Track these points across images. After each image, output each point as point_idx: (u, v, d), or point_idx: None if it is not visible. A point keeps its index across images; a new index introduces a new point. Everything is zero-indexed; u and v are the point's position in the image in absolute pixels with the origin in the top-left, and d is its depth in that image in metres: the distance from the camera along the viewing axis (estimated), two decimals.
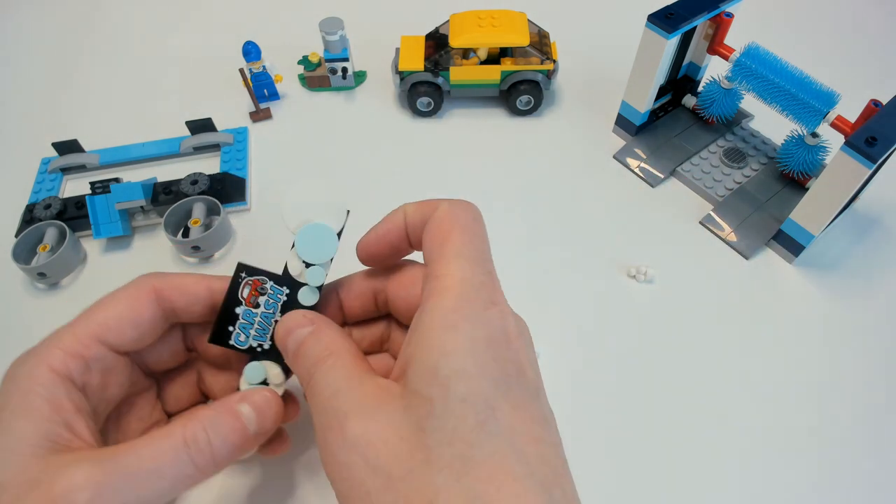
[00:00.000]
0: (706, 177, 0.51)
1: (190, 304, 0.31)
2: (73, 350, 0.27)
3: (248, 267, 0.31)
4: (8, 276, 0.47)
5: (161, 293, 0.30)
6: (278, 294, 0.31)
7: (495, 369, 0.23)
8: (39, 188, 0.52)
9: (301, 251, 0.31)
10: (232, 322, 0.31)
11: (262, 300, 0.31)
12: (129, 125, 0.58)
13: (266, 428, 0.29)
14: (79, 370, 0.27)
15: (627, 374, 0.41)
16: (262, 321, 0.31)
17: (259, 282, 0.31)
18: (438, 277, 0.26)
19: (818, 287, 0.45)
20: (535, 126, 0.57)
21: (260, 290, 0.31)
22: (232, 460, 0.28)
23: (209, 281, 0.31)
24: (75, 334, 0.28)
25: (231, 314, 0.31)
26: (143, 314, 0.29)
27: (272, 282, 0.31)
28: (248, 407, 0.28)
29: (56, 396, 0.26)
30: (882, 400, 0.40)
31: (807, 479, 0.37)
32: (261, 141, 0.56)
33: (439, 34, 0.57)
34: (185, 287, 0.30)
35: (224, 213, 0.48)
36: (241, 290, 0.31)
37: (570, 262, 0.47)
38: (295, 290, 0.31)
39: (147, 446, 0.25)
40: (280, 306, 0.31)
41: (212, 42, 0.66)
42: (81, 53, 0.66)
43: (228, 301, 0.31)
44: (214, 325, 0.31)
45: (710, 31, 0.50)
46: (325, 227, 0.31)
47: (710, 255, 0.47)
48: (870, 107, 0.42)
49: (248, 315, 0.31)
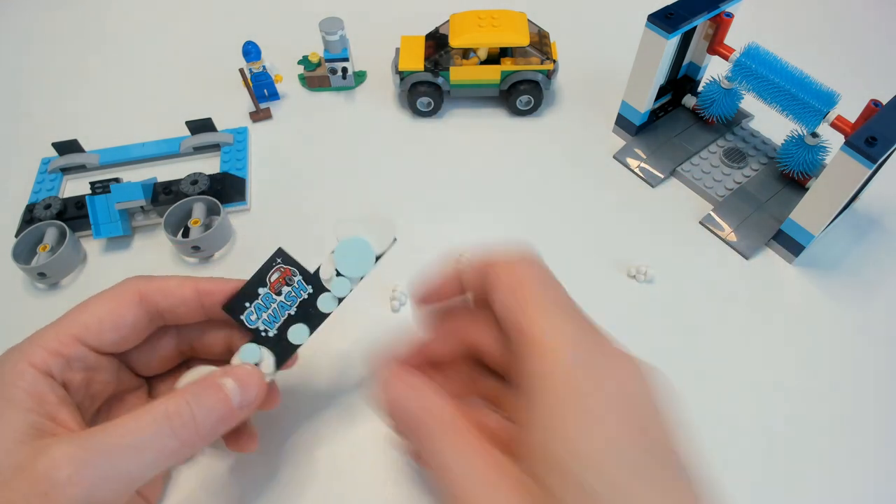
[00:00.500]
0: (706, 177, 0.51)
1: (174, 305, 0.31)
2: (54, 348, 0.28)
3: (286, 255, 0.32)
4: (8, 276, 0.47)
5: (146, 296, 0.30)
6: (301, 290, 0.32)
7: (637, 455, 0.21)
8: (39, 188, 0.52)
9: (338, 259, 0.32)
10: (251, 299, 0.32)
11: (284, 290, 0.32)
12: (129, 125, 0.58)
13: (250, 400, 0.29)
14: (59, 367, 0.28)
15: None
16: (277, 309, 0.32)
17: (290, 271, 0.32)
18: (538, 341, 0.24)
19: (818, 287, 0.45)
20: (535, 126, 0.57)
21: (287, 280, 0.32)
22: (216, 434, 0.28)
23: (197, 283, 0.31)
24: (57, 333, 0.28)
25: (253, 292, 0.32)
26: (124, 317, 0.30)
27: (301, 277, 0.32)
28: (230, 380, 0.29)
29: (39, 390, 0.27)
30: (882, 400, 0.40)
31: (806, 479, 0.37)
32: (261, 141, 0.56)
33: (439, 34, 0.57)
34: (170, 290, 0.31)
35: (224, 213, 0.48)
36: (270, 274, 0.32)
37: (569, 262, 0.47)
38: (318, 293, 0.32)
39: (128, 421, 0.26)
40: (299, 302, 0.32)
41: (212, 42, 0.66)
42: (81, 53, 0.66)
43: (255, 279, 0.32)
44: (234, 295, 0.31)
45: (710, 31, 0.50)
46: (368, 246, 0.32)
47: (710, 255, 0.47)
48: (870, 107, 0.42)
49: (268, 299, 0.32)
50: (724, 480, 0.37)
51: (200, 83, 0.62)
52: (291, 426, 0.38)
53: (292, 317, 0.32)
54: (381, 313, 0.44)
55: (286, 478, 0.36)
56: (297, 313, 0.32)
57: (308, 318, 0.32)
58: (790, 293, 0.45)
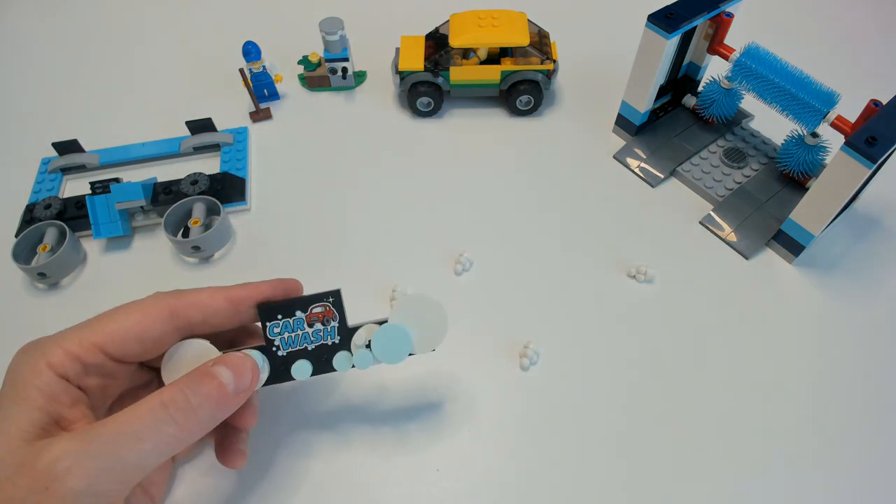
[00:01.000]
0: (706, 177, 0.51)
1: (209, 317, 0.31)
2: (74, 353, 0.28)
3: (339, 298, 0.32)
4: (8, 276, 0.47)
5: (178, 311, 0.31)
6: (329, 336, 0.32)
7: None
8: (39, 188, 0.52)
9: (378, 335, 0.32)
10: (284, 315, 0.32)
11: (317, 326, 0.32)
12: (129, 125, 0.58)
13: (244, 386, 0.29)
14: (76, 372, 0.28)
15: (627, 374, 0.41)
16: (299, 337, 0.32)
17: (332, 313, 0.32)
18: None
19: (818, 287, 0.45)
20: (535, 126, 0.57)
21: (325, 319, 0.32)
22: (215, 420, 0.28)
23: (227, 292, 0.32)
24: (80, 338, 0.28)
25: (290, 310, 0.32)
26: (151, 331, 0.30)
27: (337, 325, 0.32)
28: (224, 368, 0.29)
29: (53, 390, 0.27)
30: (882, 399, 0.40)
31: (806, 478, 0.37)
32: (261, 141, 0.56)
33: (439, 34, 0.57)
34: (203, 302, 0.31)
35: (224, 213, 0.48)
36: (315, 305, 0.32)
37: (569, 262, 0.47)
38: (340, 348, 0.32)
39: (125, 413, 0.26)
40: (320, 344, 0.32)
41: (212, 42, 0.66)
42: (81, 53, 0.66)
43: (299, 300, 0.32)
44: (275, 301, 0.32)
45: (710, 31, 0.50)
46: (409, 342, 0.32)
47: (710, 255, 0.47)
48: (870, 107, 0.42)
49: (298, 324, 0.32)
50: (725, 480, 0.37)
51: (200, 83, 0.62)
52: (285, 437, 0.38)
53: (307, 352, 0.32)
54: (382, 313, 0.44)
55: (280, 491, 0.36)
56: (312, 352, 0.32)
57: (318, 362, 0.32)
58: (790, 293, 0.45)
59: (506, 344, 0.42)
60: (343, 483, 0.36)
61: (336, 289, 0.32)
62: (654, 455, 0.37)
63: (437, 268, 0.47)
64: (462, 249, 0.47)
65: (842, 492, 0.36)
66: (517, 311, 0.44)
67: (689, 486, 0.36)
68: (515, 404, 0.40)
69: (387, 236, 0.49)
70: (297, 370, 0.32)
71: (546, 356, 0.42)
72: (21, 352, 0.28)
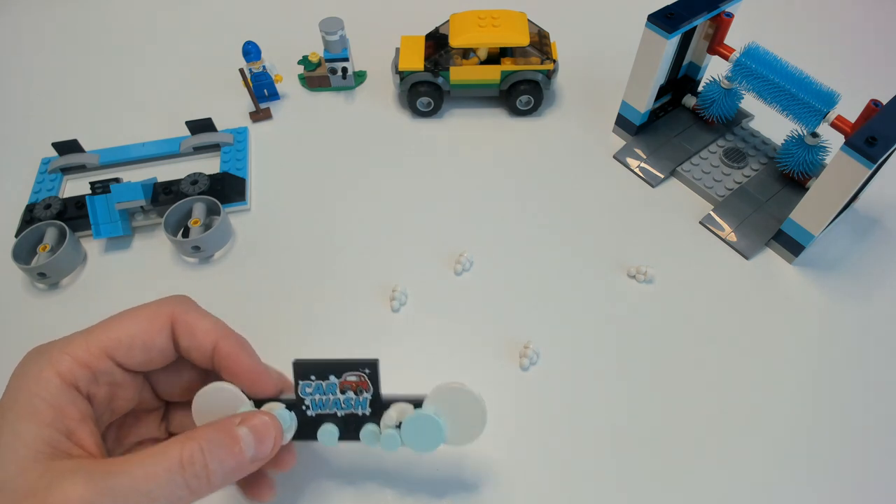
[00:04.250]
0: (706, 177, 0.51)
1: (192, 348, 0.30)
2: (83, 360, 0.27)
3: (376, 371, 0.30)
4: (8, 276, 0.47)
5: (175, 325, 0.30)
6: (360, 407, 0.31)
7: None
8: (39, 188, 0.52)
9: (409, 423, 0.30)
10: (318, 376, 0.31)
11: (349, 395, 0.31)
12: (129, 125, 0.58)
13: (263, 454, 0.28)
14: (85, 380, 0.27)
15: (627, 374, 0.41)
16: (330, 401, 0.31)
17: (366, 385, 0.31)
18: None
19: (818, 287, 0.45)
20: (535, 126, 0.57)
21: (358, 389, 0.31)
22: (226, 484, 0.28)
23: (224, 337, 0.30)
24: (87, 344, 0.27)
25: (325, 373, 0.31)
26: (154, 340, 0.29)
27: (370, 397, 0.31)
28: (247, 430, 0.28)
29: (61, 403, 0.26)
30: (882, 399, 0.40)
31: (805, 478, 0.37)
32: (261, 141, 0.56)
33: (439, 34, 0.57)
34: (195, 331, 0.30)
35: (224, 213, 0.48)
36: (350, 372, 0.31)
37: (569, 262, 0.47)
38: (369, 421, 0.31)
39: (143, 465, 0.25)
40: (349, 413, 0.31)
41: (212, 42, 0.66)
42: (81, 54, 0.66)
43: (336, 363, 0.30)
44: (314, 361, 0.30)
45: (710, 31, 0.50)
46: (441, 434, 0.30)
47: (710, 255, 0.47)
48: (870, 107, 0.42)
49: (331, 388, 0.31)
50: (724, 479, 0.37)
51: (200, 83, 0.61)
52: (310, 469, 0.37)
53: (335, 417, 0.31)
54: (382, 313, 0.44)
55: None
56: (340, 419, 0.31)
57: (346, 429, 0.31)
58: (790, 293, 0.45)
59: (506, 344, 0.42)
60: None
61: (374, 360, 0.30)
62: (654, 455, 0.37)
63: (437, 268, 0.47)
64: (462, 249, 0.47)
65: (842, 492, 0.36)
66: (517, 311, 0.44)
67: (689, 485, 0.36)
68: (515, 404, 0.40)
69: (387, 236, 0.49)
70: (324, 434, 0.31)
71: (546, 356, 0.42)
72: (26, 359, 0.27)
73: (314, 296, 0.45)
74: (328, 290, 0.46)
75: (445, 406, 0.30)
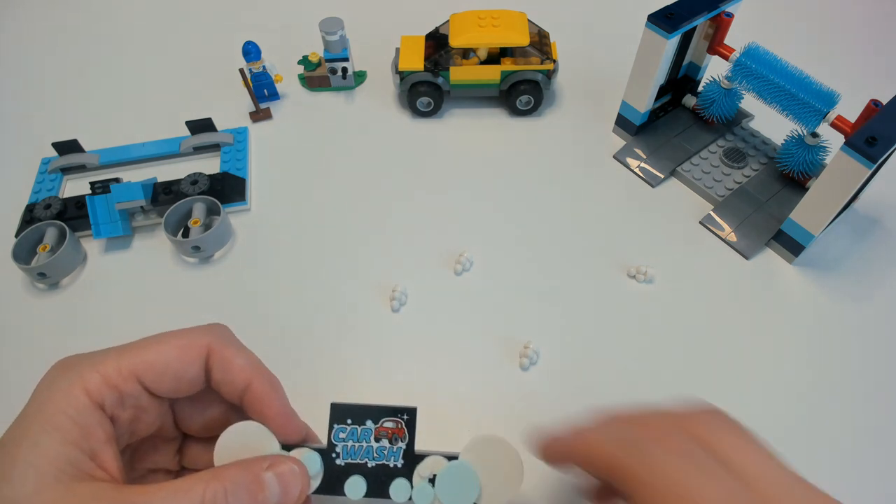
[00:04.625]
0: (706, 177, 0.51)
1: (224, 382, 0.30)
2: (112, 381, 0.27)
3: (413, 419, 0.30)
4: (8, 276, 0.47)
5: (210, 356, 0.29)
6: (393, 458, 0.30)
7: None
8: (39, 188, 0.52)
9: (444, 473, 0.29)
10: (355, 421, 0.30)
11: (382, 443, 0.30)
12: (129, 125, 0.58)
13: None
14: (112, 402, 0.27)
15: (627, 374, 0.41)
16: (363, 449, 0.30)
17: (402, 433, 0.30)
18: None
19: (818, 287, 0.45)
20: (535, 126, 0.57)
21: (393, 438, 0.30)
22: None
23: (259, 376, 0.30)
24: (119, 365, 0.27)
25: (362, 418, 0.30)
26: (187, 369, 0.29)
27: (405, 447, 0.30)
28: (273, 477, 0.27)
29: (88, 422, 0.26)
30: (882, 399, 0.40)
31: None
32: (261, 141, 0.56)
33: (439, 34, 0.57)
34: (231, 366, 0.29)
35: (224, 213, 0.48)
36: (387, 420, 0.30)
37: (569, 262, 0.47)
38: (401, 474, 0.30)
39: (165, 500, 0.24)
40: (381, 464, 0.30)
41: (212, 42, 0.66)
42: (82, 53, 0.66)
43: (374, 410, 0.30)
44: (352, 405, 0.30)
45: (710, 31, 0.50)
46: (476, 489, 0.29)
47: (710, 255, 0.47)
48: (870, 107, 0.42)
49: (365, 435, 0.30)
50: None
51: (200, 83, 0.62)
52: None
53: (365, 468, 0.30)
54: (382, 313, 0.44)
55: None
56: (370, 471, 0.30)
57: (375, 482, 0.30)
58: (790, 293, 0.45)
59: (506, 344, 0.42)
60: None
61: (413, 407, 0.30)
62: None
63: (437, 268, 0.47)
64: (462, 249, 0.47)
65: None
66: (517, 311, 0.44)
67: None
68: (515, 404, 0.40)
69: (387, 236, 0.49)
70: (351, 487, 0.29)
71: (546, 356, 0.42)
72: (55, 371, 0.26)
73: (314, 295, 0.45)
74: (328, 290, 0.46)
75: (481, 459, 0.30)
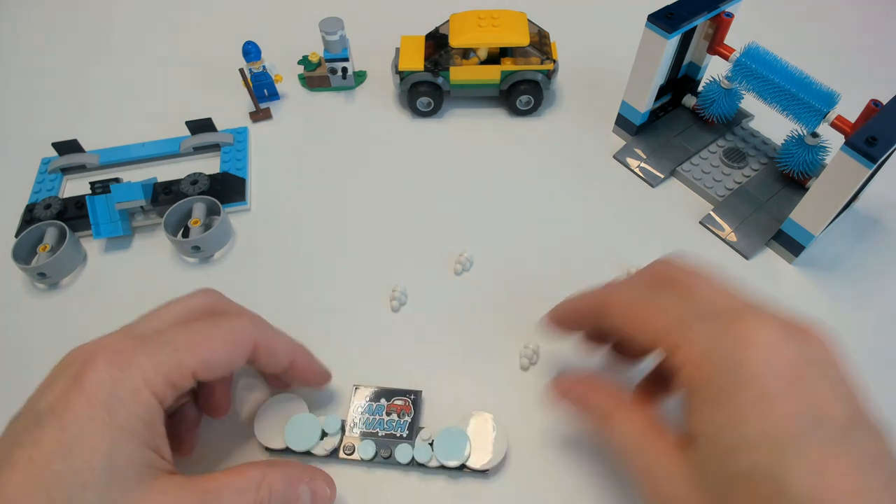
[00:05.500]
0: (706, 177, 0.51)
1: (269, 364, 0.34)
2: (174, 381, 0.28)
3: (418, 398, 0.38)
4: (8, 276, 0.47)
5: (257, 349, 0.32)
6: (400, 429, 0.36)
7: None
8: (39, 188, 0.52)
9: (440, 437, 0.36)
10: (373, 399, 0.37)
11: (393, 417, 0.37)
12: (129, 125, 0.58)
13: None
14: (170, 398, 0.29)
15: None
16: (374, 420, 0.37)
17: (408, 410, 0.37)
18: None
19: (818, 287, 0.45)
20: (535, 126, 0.57)
21: (401, 413, 0.37)
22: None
23: (298, 352, 0.35)
24: (180, 365, 0.28)
25: (378, 397, 0.38)
26: (235, 364, 0.31)
27: (410, 420, 0.36)
28: (308, 491, 0.31)
29: (154, 422, 0.27)
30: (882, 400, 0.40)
31: None
32: (261, 141, 0.56)
33: (439, 34, 0.57)
34: (277, 353, 0.34)
35: (224, 213, 0.48)
36: (397, 398, 0.37)
37: (569, 262, 0.47)
38: (405, 441, 0.36)
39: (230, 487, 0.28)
40: (388, 433, 0.36)
41: (212, 42, 0.66)
42: (81, 53, 0.66)
43: (387, 392, 0.38)
44: (372, 387, 0.38)
45: (710, 31, 0.50)
46: (466, 447, 0.35)
47: (710, 255, 0.47)
48: (870, 107, 0.42)
49: (378, 410, 0.37)
50: None
51: (200, 83, 0.62)
52: None
53: (376, 436, 0.36)
54: (382, 313, 0.44)
55: None
56: (381, 439, 0.36)
57: (384, 447, 0.36)
58: (790, 293, 0.45)
59: (505, 344, 0.42)
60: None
61: (419, 390, 0.38)
62: None
63: (437, 268, 0.47)
64: (462, 249, 0.47)
65: None
66: (517, 311, 0.44)
67: None
68: (515, 404, 0.40)
69: (386, 236, 0.49)
70: (364, 448, 0.36)
71: (545, 356, 0.42)
72: (108, 363, 0.26)
73: (314, 296, 0.45)
74: (328, 289, 0.46)
75: (473, 429, 0.36)
